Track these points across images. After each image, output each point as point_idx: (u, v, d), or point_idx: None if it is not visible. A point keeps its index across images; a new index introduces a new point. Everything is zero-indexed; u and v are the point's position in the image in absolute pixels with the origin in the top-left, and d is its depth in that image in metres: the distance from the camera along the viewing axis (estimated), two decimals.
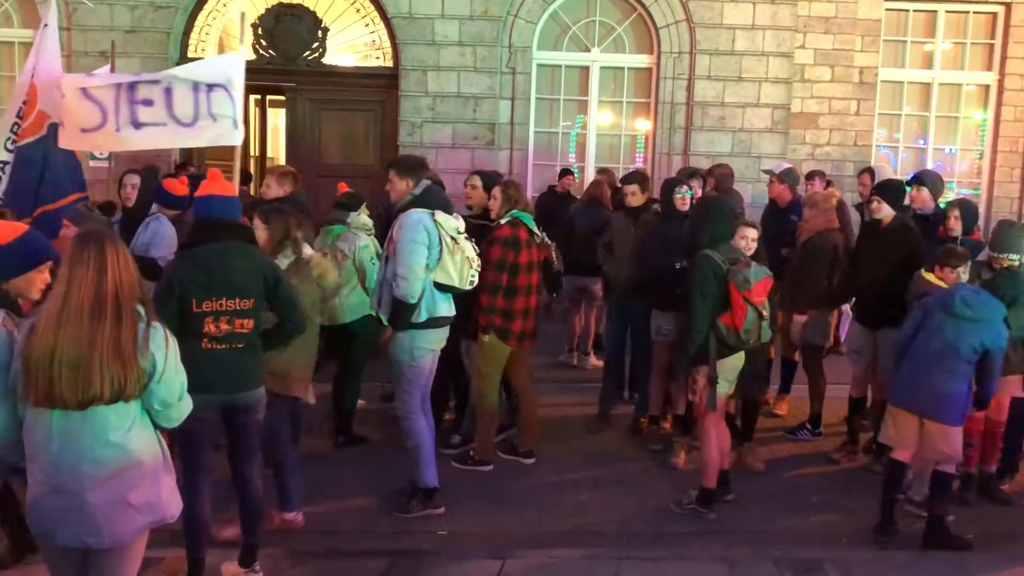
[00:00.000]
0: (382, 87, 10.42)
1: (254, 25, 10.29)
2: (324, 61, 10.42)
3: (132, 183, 6.63)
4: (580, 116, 10.71)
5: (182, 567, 4.04)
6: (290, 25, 10.29)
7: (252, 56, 10.33)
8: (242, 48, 5.54)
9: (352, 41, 10.57)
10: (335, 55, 10.51)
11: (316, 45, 10.34)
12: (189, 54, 10.20)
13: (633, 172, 6.90)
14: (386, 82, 10.37)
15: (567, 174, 9.53)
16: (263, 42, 10.30)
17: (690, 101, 10.28)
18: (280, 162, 11.14)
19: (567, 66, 10.63)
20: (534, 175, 10.61)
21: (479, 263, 5.17)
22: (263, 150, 12.41)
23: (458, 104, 10.20)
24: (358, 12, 10.38)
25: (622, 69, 10.65)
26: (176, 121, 5.25)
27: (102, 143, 5.49)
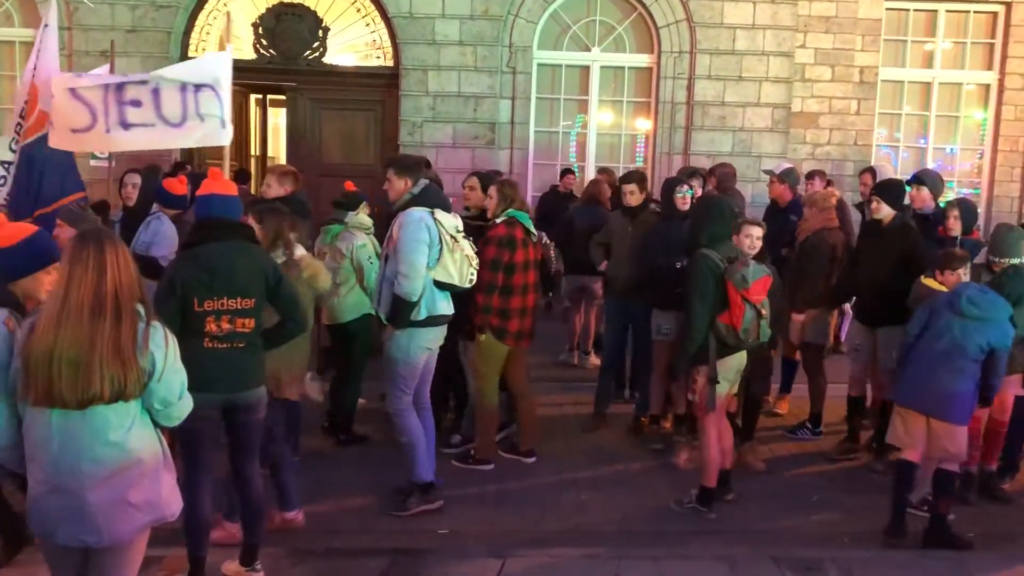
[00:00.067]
0: (383, 86, 10.43)
1: (255, 24, 10.30)
2: (325, 61, 10.43)
3: (133, 182, 6.64)
4: (580, 116, 10.72)
5: (183, 566, 4.04)
6: (291, 24, 10.30)
7: (253, 55, 10.37)
8: (229, 47, 5.51)
9: (353, 41, 10.58)
10: (336, 55, 10.52)
11: (317, 45, 10.35)
12: (190, 53, 10.20)
13: (631, 171, 6.89)
14: (387, 81, 10.38)
15: (569, 173, 9.54)
16: (264, 41, 10.31)
17: (690, 101, 10.28)
18: (281, 161, 11.14)
19: (567, 65, 10.63)
20: (534, 174, 10.64)
21: (478, 262, 5.19)
22: (264, 149, 12.43)
23: (458, 104, 10.21)
24: (359, 12, 10.39)
25: (622, 68, 10.65)
26: (165, 122, 5.25)
27: (92, 144, 5.48)
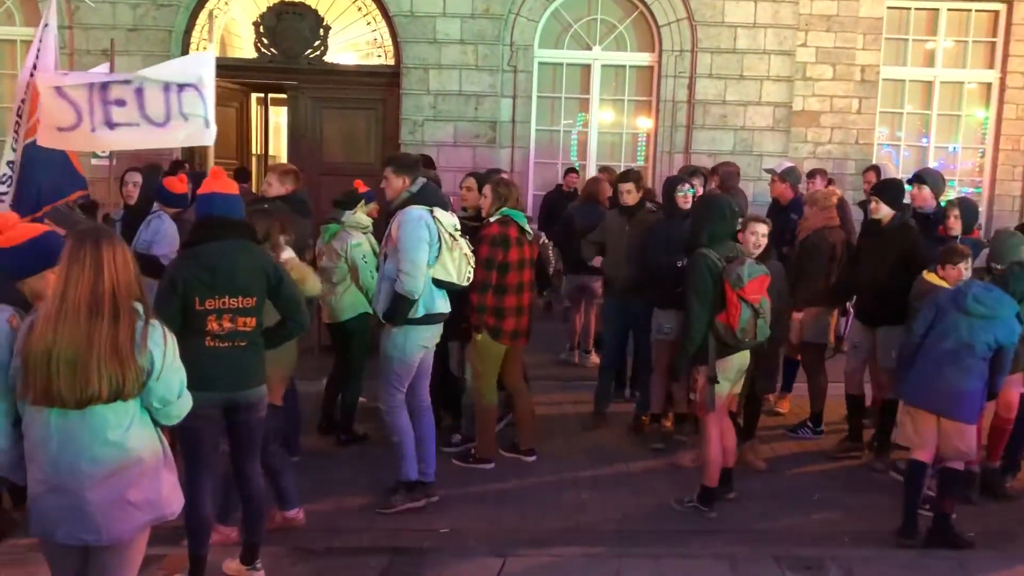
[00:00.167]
0: (384, 85, 10.42)
1: (256, 23, 10.29)
2: (326, 59, 10.42)
3: (134, 181, 6.63)
4: (581, 114, 10.70)
5: (183, 565, 4.04)
6: (292, 23, 10.28)
7: (254, 54, 10.37)
8: (211, 47, 5.52)
9: (354, 39, 10.57)
10: (337, 53, 10.51)
11: (318, 43, 10.34)
12: (191, 52, 10.19)
13: (628, 170, 6.85)
14: (388, 80, 10.37)
15: (573, 172, 9.52)
16: (265, 40, 10.30)
17: (691, 99, 10.27)
18: (282, 160, 11.13)
19: (568, 64, 10.62)
20: (535, 173, 10.63)
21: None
22: (265, 148, 12.42)
23: (459, 102, 10.20)
24: (360, 10, 10.38)
25: (623, 67, 10.63)
26: (149, 121, 5.24)
27: (78, 143, 5.47)
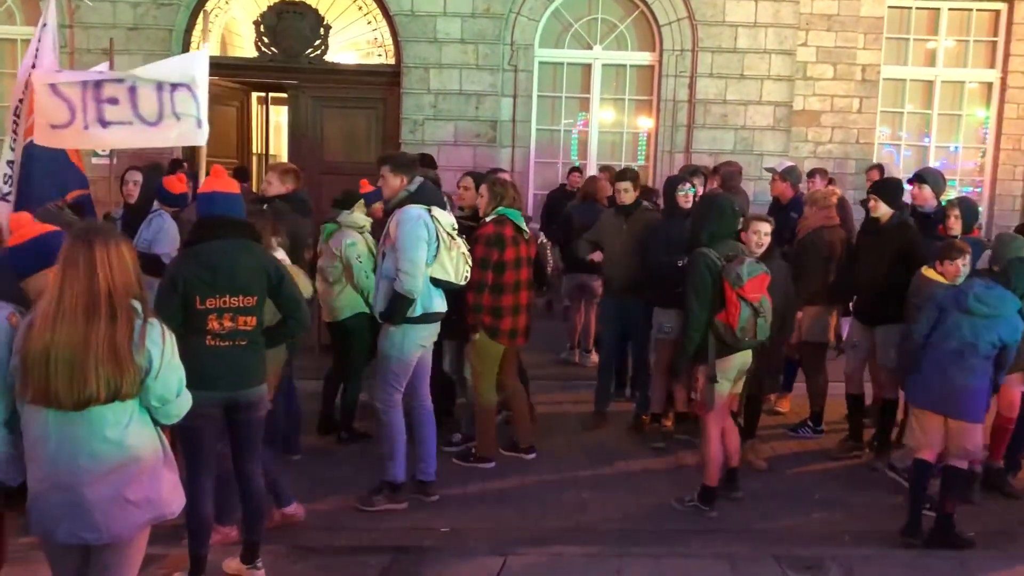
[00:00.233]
0: (384, 84, 10.41)
1: (256, 22, 10.29)
2: (326, 59, 10.42)
3: (134, 180, 6.63)
4: (582, 113, 10.70)
5: (184, 564, 4.04)
6: (292, 22, 10.28)
7: (254, 53, 10.37)
8: (205, 47, 5.49)
9: (354, 39, 10.57)
10: (337, 52, 10.51)
11: (318, 42, 10.33)
12: (191, 51, 10.18)
13: (625, 169, 6.79)
14: (388, 79, 10.36)
15: (576, 171, 9.50)
16: (265, 39, 10.30)
17: (692, 99, 10.26)
18: (282, 159, 11.14)
19: (569, 63, 10.61)
20: (536, 173, 10.63)
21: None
22: (266, 147, 12.42)
23: (460, 101, 10.19)
24: (360, 9, 10.38)
25: (624, 67, 10.63)
26: (141, 120, 5.22)
27: (71, 140, 5.45)
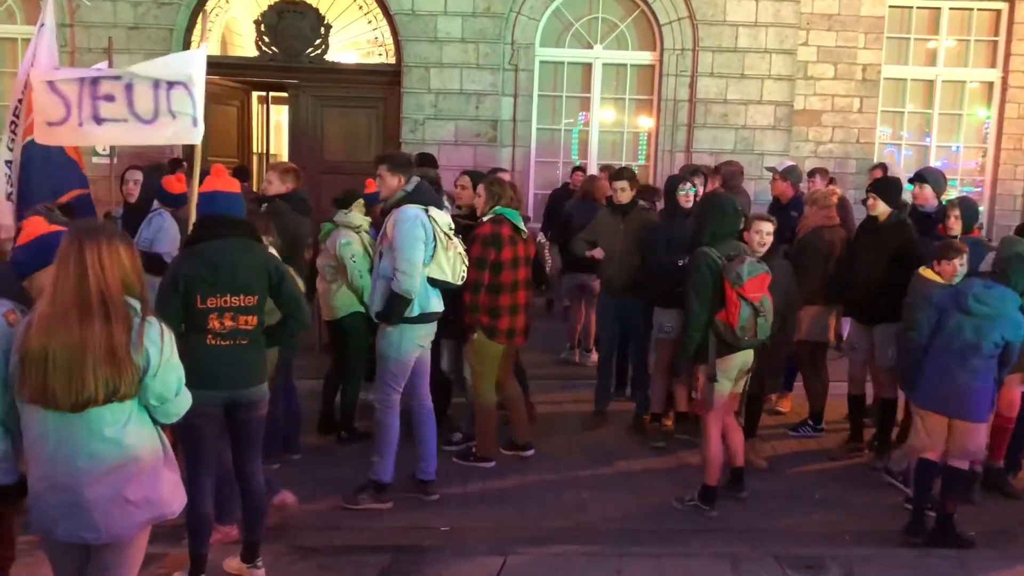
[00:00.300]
0: (385, 84, 10.41)
1: (257, 22, 10.29)
2: (327, 58, 10.41)
3: (134, 179, 6.63)
4: (583, 113, 10.70)
5: (184, 563, 4.04)
6: (293, 22, 10.27)
7: (255, 53, 10.36)
8: (203, 45, 5.48)
9: (355, 38, 10.57)
10: (338, 52, 10.51)
11: (319, 42, 10.33)
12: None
13: (622, 169, 6.74)
14: (389, 79, 10.36)
15: (579, 171, 9.51)
16: (266, 39, 10.29)
17: (693, 98, 10.26)
18: (283, 159, 11.14)
19: (569, 63, 10.60)
20: (536, 172, 10.63)
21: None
22: (266, 147, 12.43)
23: (460, 101, 10.19)
24: (361, 9, 10.37)
25: (624, 66, 10.62)
26: (137, 118, 5.20)
27: (65, 137, 5.43)
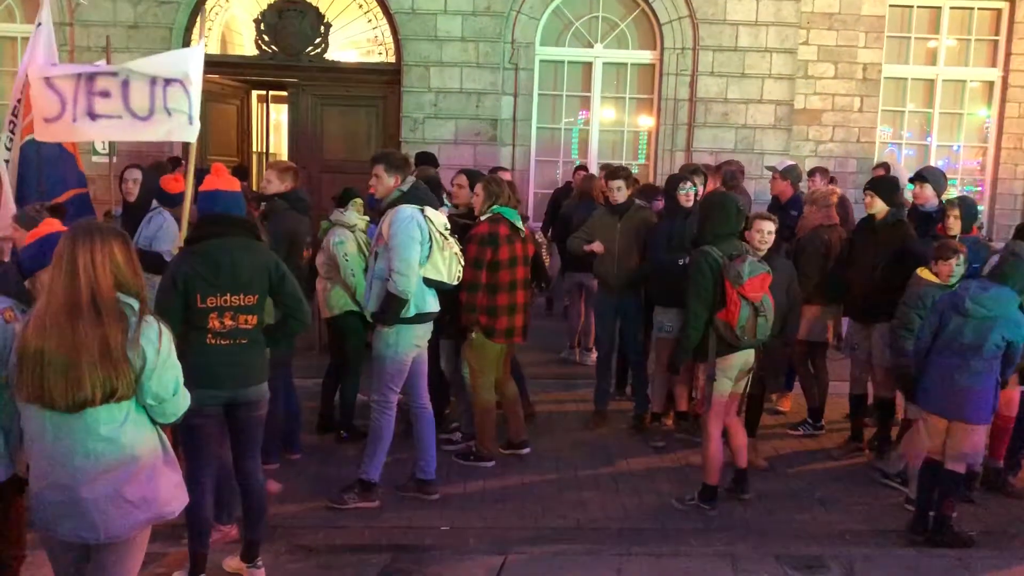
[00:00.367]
0: (384, 83, 10.41)
1: (257, 20, 10.28)
2: (327, 57, 10.41)
3: (133, 178, 6.61)
4: (583, 112, 10.69)
5: (184, 563, 4.04)
6: (292, 21, 10.27)
7: (255, 51, 10.36)
8: (201, 43, 5.47)
9: (355, 37, 10.56)
10: (337, 51, 10.50)
11: (318, 41, 10.33)
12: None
13: (618, 168, 6.66)
14: (389, 78, 10.36)
15: (582, 170, 9.50)
16: (266, 37, 10.29)
17: (693, 97, 10.25)
18: (283, 158, 11.13)
19: (570, 62, 10.60)
20: (537, 171, 10.63)
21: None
22: (266, 146, 12.42)
23: (460, 100, 10.19)
24: (360, 8, 10.37)
25: (625, 65, 10.62)
26: (132, 114, 5.18)
27: (61, 133, 5.40)
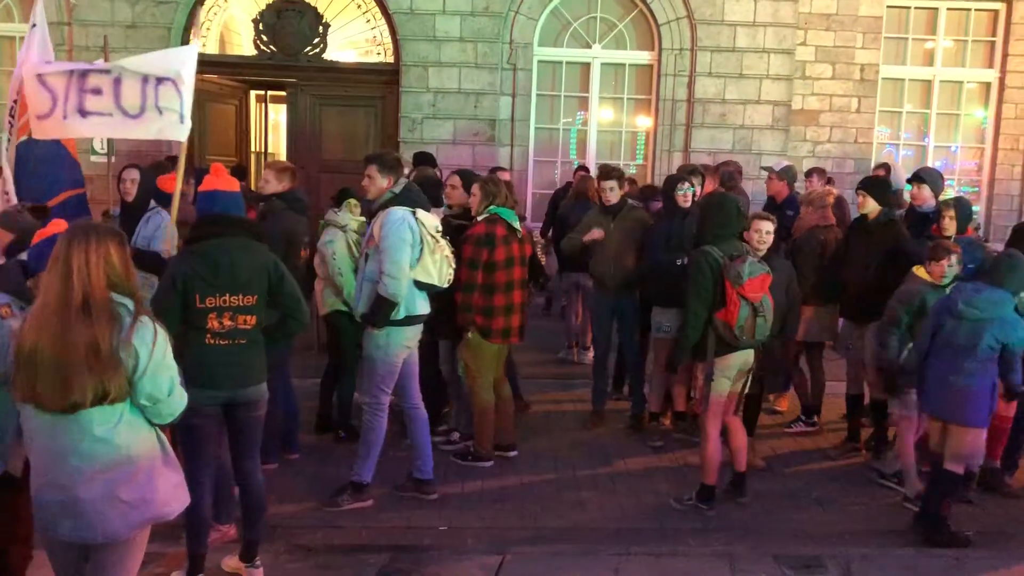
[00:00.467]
0: (383, 83, 10.41)
1: (255, 20, 10.28)
2: (325, 57, 10.41)
3: (131, 178, 6.60)
4: (581, 112, 10.70)
5: (183, 562, 4.04)
6: (291, 21, 10.27)
7: (253, 51, 10.36)
8: (195, 42, 5.47)
9: (353, 37, 10.57)
10: (336, 51, 10.50)
11: (317, 41, 10.33)
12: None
13: (611, 168, 6.61)
14: (387, 78, 10.36)
15: (582, 170, 9.51)
16: (264, 38, 10.29)
17: (691, 98, 10.26)
18: (281, 158, 11.13)
19: (568, 62, 10.61)
20: (535, 171, 10.64)
21: (456, 261, 5.21)
22: (264, 146, 12.42)
23: (459, 100, 10.19)
24: (359, 8, 10.37)
25: (623, 66, 10.63)
26: (123, 112, 5.16)
27: (53, 130, 5.40)
